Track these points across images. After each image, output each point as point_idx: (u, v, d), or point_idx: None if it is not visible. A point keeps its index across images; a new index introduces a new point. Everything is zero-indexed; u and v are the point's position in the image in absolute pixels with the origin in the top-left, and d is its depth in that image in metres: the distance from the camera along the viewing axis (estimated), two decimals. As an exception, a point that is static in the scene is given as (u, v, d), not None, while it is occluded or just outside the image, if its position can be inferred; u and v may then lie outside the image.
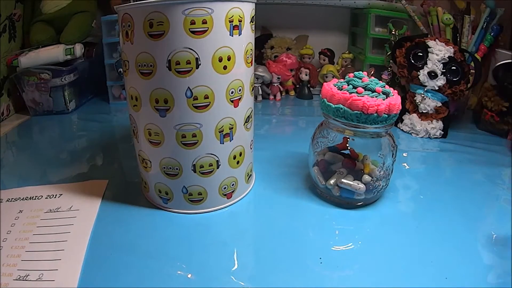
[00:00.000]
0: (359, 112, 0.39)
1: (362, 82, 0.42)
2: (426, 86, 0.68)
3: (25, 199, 0.46)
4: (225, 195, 0.44)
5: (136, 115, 0.41)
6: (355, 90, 0.41)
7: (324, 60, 0.94)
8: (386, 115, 0.40)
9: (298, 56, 0.94)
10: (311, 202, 0.45)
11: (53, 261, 0.35)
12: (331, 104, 0.42)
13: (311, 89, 0.94)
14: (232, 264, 0.35)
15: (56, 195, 0.46)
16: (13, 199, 0.46)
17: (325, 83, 0.45)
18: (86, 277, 0.33)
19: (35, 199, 0.46)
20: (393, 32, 0.83)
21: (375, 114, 0.39)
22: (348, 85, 0.43)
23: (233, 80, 0.39)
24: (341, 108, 0.40)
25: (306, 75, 0.92)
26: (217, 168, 0.41)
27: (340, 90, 0.42)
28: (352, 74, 0.44)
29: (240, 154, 0.43)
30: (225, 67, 0.37)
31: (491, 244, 0.38)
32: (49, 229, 0.40)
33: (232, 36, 0.37)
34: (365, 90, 0.41)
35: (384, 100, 0.40)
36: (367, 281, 0.33)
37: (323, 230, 0.40)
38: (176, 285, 0.33)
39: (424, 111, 0.69)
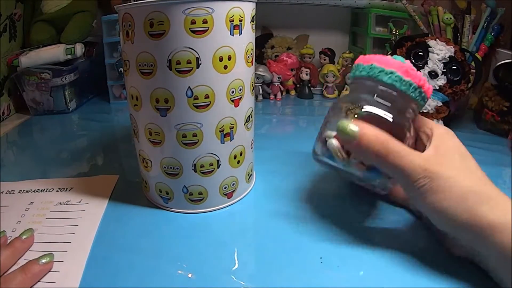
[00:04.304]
0: (413, 82, 0.35)
1: None
2: (426, 85, 0.68)
3: (37, 191, 0.47)
4: (225, 194, 0.44)
5: (137, 114, 0.41)
6: None
7: (324, 59, 0.94)
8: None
9: (298, 55, 0.94)
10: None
11: (60, 253, 0.35)
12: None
13: (312, 88, 0.94)
14: (233, 263, 0.35)
15: (66, 188, 0.48)
16: (24, 191, 0.47)
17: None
18: (87, 276, 0.33)
19: (46, 191, 0.47)
20: (394, 32, 0.83)
21: (424, 93, 0.36)
22: None
23: (233, 80, 0.39)
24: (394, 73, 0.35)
25: (306, 74, 0.92)
26: (218, 167, 0.41)
27: None
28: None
29: (241, 154, 0.43)
30: (225, 67, 0.37)
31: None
32: (58, 221, 0.41)
33: (233, 35, 0.37)
34: None
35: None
36: (368, 281, 0.33)
37: (323, 230, 0.40)
38: (177, 284, 0.33)
39: (424, 111, 0.69)
